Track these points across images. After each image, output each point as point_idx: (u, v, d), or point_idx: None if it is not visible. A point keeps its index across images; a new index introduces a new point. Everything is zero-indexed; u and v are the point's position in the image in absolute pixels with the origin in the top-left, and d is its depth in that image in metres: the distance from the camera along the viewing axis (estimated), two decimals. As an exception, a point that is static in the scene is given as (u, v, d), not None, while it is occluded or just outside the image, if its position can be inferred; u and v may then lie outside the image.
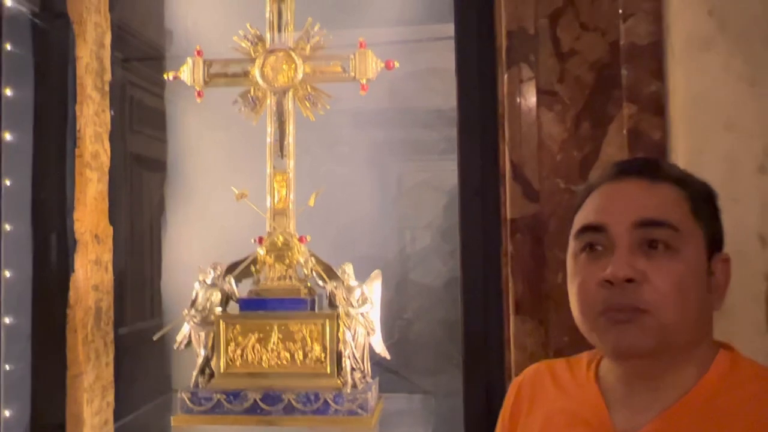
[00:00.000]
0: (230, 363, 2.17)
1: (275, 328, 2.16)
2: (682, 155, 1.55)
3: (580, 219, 0.92)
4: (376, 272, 2.26)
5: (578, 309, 0.89)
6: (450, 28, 2.08)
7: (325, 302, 2.26)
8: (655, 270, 0.83)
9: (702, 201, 0.90)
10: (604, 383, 0.93)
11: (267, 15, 2.33)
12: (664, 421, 0.85)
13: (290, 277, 2.25)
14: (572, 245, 0.92)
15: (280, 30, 2.33)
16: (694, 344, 0.87)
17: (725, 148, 1.51)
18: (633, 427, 0.86)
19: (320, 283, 2.25)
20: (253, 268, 2.28)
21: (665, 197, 0.88)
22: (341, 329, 2.14)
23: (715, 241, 0.90)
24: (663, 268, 0.84)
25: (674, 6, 1.58)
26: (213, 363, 2.19)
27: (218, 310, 2.21)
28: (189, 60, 2.36)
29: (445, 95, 2.38)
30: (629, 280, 0.83)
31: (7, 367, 2.26)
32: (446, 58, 2.17)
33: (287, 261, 2.25)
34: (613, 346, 0.87)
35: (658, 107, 1.65)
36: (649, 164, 0.95)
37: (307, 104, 2.31)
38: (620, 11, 1.69)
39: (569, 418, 0.93)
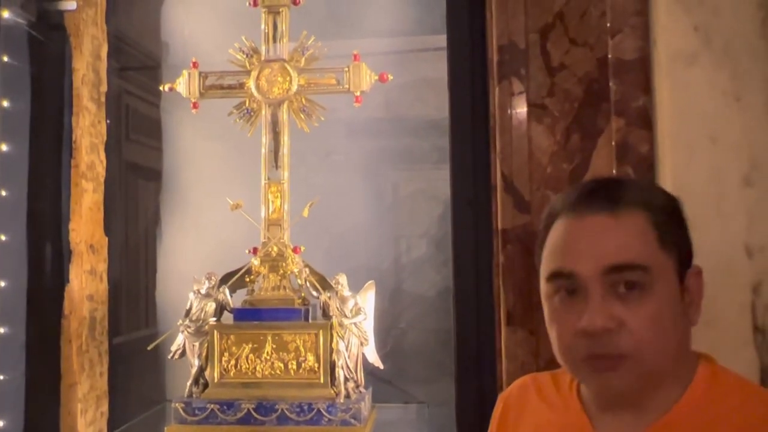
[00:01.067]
0: (224, 373, 2.18)
1: (269, 338, 2.17)
2: (669, 168, 1.57)
3: (547, 261, 0.89)
4: (370, 283, 2.27)
5: (559, 355, 0.89)
6: (442, 39, 2.11)
7: (319, 312, 2.27)
8: (630, 314, 0.83)
9: (668, 221, 0.88)
10: (587, 398, 0.94)
11: (262, 27, 2.36)
12: None
13: (284, 288, 2.27)
14: (544, 288, 0.90)
15: (275, 42, 2.35)
16: (674, 364, 0.87)
17: (711, 161, 1.54)
18: None
19: (314, 293, 2.26)
20: (247, 279, 2.30)
21: (630, 232, 0.85)
22: (335, 339, 2.15)
23: (685, 260, 0.89)
24: (638, 310, 0.83)
25: (661, 22, 1.61)
26: (207, 373, 2.20)
27: (212, 320, 2.22)
28: (185, 72, 2.38)
29: (438, 105, 2.40)
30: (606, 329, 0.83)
31: (1, 377, 2.26)
32: (438, 68, 2.19)
33: (281, 271, 2.27)
34: (597, 390, 0.89)
35: (645, 121, 1.67)
36: (609, 191, 0.89)
37: (302, 116, 2.34)
38: (608, 26, 1.71)
39: (558, 430, 0.94)
